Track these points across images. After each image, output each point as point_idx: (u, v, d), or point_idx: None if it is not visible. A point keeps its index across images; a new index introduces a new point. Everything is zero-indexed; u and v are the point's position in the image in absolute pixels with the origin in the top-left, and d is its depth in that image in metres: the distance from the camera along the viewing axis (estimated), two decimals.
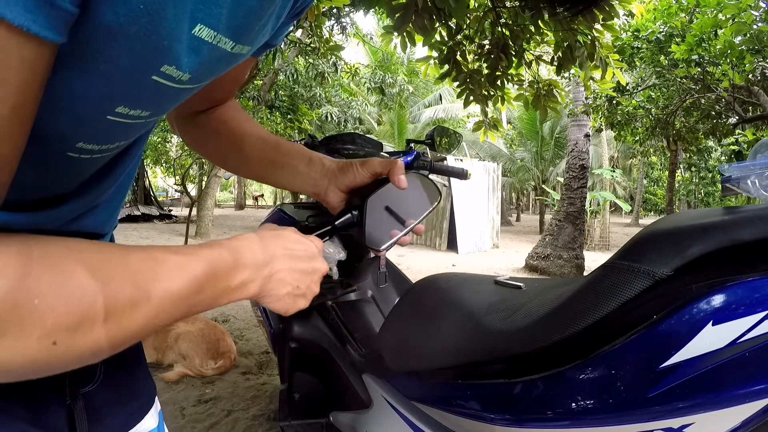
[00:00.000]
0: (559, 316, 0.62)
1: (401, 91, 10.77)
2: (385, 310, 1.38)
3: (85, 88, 0.31)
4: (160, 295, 0.34)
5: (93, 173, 0.44)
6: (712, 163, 15.72)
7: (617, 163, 22.39)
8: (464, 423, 0.75)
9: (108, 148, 0.40)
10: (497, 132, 3.72)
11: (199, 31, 0.33)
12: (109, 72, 0.31)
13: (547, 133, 17.44)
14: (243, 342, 3.11)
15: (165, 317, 0.35)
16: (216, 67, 0.39)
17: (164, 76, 0.33)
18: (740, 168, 0.69)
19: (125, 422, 0.55)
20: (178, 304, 0.35)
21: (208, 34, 0.34)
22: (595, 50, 2.67)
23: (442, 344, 0.83)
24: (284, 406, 1.31)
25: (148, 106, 0.37)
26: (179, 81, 0.35)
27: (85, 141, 0.36)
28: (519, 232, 16.59)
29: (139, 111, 0.36)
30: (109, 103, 0.34)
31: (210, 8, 0.33)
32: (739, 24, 4.39)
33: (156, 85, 0.34)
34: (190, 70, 0.35)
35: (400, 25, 2.35)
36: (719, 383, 0.50)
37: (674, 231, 0.57)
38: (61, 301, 0.28)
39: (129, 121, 0.37)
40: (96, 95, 0.32)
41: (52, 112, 0.31)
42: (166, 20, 0.30)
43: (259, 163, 0.64)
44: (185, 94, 0.40)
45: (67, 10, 0.24)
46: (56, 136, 0.34)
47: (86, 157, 0.38)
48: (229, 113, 0.65)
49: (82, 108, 0.33)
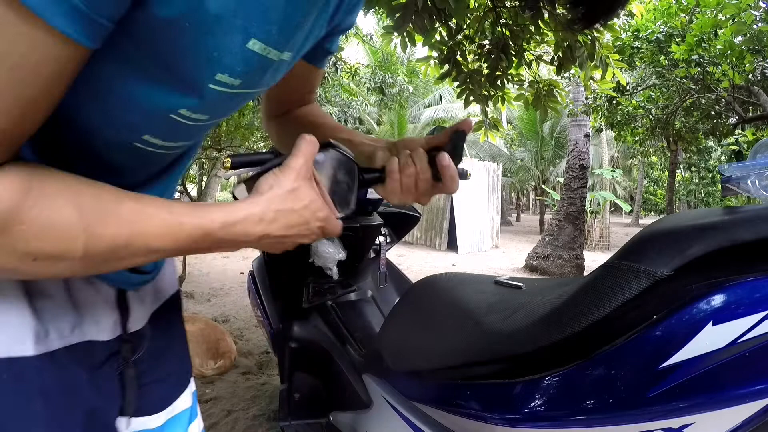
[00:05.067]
0: (559, 316, 0.62)
1: (401, 91, 10.76)
2: (385, 310, 1.38)
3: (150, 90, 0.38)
4: (140, 247, 0.38)
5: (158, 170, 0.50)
6: (712, 163, 15.71)
7: (617, 163, 22.38)
8: (464, 423, 0.75)
9: (171, 146, 0.46)
10: (497, 132, 3.72)
11: (252, 45, 0.38)
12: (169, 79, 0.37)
13: (547, 133, 17.43)
14: (243, 342, 3.11)
15: (143, 261, 0.40)
16: (264, 74, 0.44)
17: (219, 83, 0.39)
18: (740, 168, 0.69)
19: (167, 395, 0.62)
20: (153, 256, 0.40)
21: (261, 47, 0.39)
22: (595, 50, 2.67)
23: (442, 344, 0.83)
24: (284, 406, 1.31)
25: (207, 110, 0.43)
26: (232, 86, 0.40)
27: (152, 134, 0.43)
28: (519, 232, 16.59)
29: (200, 115, 0.42)
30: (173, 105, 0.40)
31: (263, 25, 0.38)
32: (739, 24, 4.39)
33: (213, 92, 0.39)
34: (241, 76, 0.40)
35: (400, 25, 2.35)
36: (719, 383, 0.50)
37: (674, 231, 0.57)
38: (44, 232, 0.33)
39: (189, 123, 0.43)
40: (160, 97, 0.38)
41: (125, 106, 0.39)
42: (213, 35, 0.35)
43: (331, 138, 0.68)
44: (239, 99, 0.44)
45: (101, 24, 0.30)
46: (127, 126, 0.41)
47: (151, 150, 0.45)
48: (308, 110, 0.72)
49: (148, 106, 0.39)
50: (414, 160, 0.56)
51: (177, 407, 0.63)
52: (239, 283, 4.99)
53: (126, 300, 0.55)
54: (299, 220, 0.47)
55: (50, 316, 0.45)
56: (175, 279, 0.69)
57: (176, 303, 0.67)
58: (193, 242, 0.41)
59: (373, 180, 0.58)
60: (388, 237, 1.50)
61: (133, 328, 0.56)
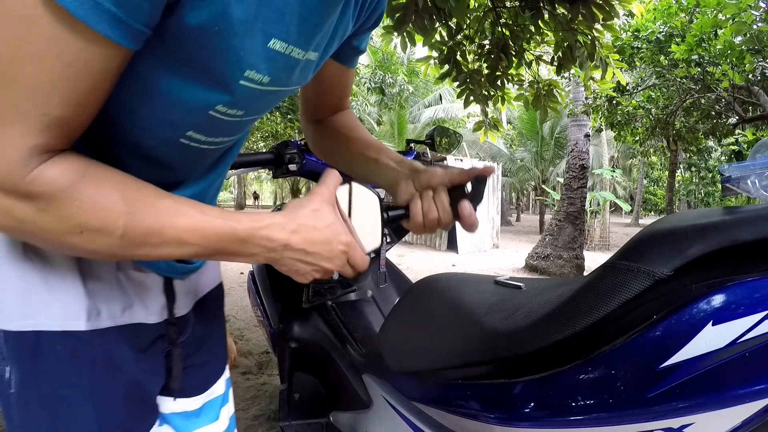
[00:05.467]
0: (559, 316, 0.62)
1: (401, 91, 10.77)
2: (385, 310, 1.38)
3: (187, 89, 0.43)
4: (172, 237, 0.42)
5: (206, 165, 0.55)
6: (712, 163, 15.71)
7: (617, 163, 22.38)
8: (464, 423, 0.75)
9: (214, 141, 0.50)
10: (497, 132, 3.72)
11: (273, 44, 0.43)
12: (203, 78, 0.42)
13: (547, 133, 17.43)
14: (243, 342, 3.11)
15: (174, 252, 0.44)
16: (291, 72, 0.48)
17: (249, 80, 0.43)
18: (740, 168, 0.69)
19: (206, 380, 0.68)
20: (184, 249, 0.44)
21: (281, 46, 0.44)
22: (595, 50, 2.67)
23: (442, 344, 0.83)
24: (284, 406, 1.31)
25: (241, 106, 0.47)
26: (261, 83, 0.44)
27: (195, 130, 0.47)
28: (519, 232, 16.60)
29: (235, 110, 0.47)
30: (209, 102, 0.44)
31: (280, 26, 0.43)
32: (739, 24, 4.39)
33: (244, 89, 0.44)
34: (268, 74, 0.44)
35: (400, 25, 2.35)
36: (719, 383, 0.50)
37: (674, 231, 0.57)
38: (92, 209, 0.39)
39: (227, 118, 0.47)
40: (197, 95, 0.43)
41: (168, 104, 0.44)
42: (238, 37, 0.40)
43: (358, 159, 0.73)
44: (271, 96, 0.49)
45: (138, 29, 0.36)
46: (171, 123, 0.46)
47: (195, 146, 0.49)
48: (342, 120, 0.76)
49: (188, 103, 0.44)
50: (436, 204, 0.62)
51: (213, 392, 0.68)
52: (239, 283, 4.99)
53: (172, 287, 0.60)
54: (321, 237, 0.50)
55: (103, 298, 0.52)
56: (219, 273, 0.74)
57: (218, 295, 0.73)
58: (219, 241, 0.45)
59: (397, 218, 0.63)
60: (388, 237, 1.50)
61: (179, 313, 0.61)
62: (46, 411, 0.49)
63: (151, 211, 0.41)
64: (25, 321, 0.48)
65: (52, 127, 0.37)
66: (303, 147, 1.22)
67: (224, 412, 0.71)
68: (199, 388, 0.66)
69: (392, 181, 0.67)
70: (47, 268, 0.49)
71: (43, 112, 0.36)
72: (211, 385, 0.68)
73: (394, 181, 0.67)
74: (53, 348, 0.49)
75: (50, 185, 0.37)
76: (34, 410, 0.50)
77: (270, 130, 9.52)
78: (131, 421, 0.55)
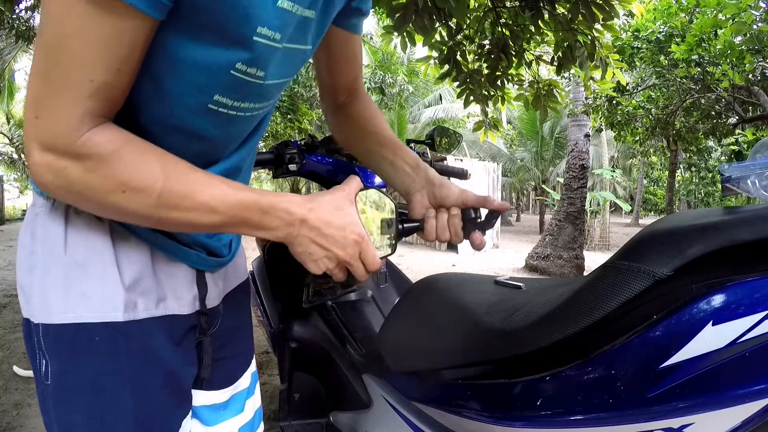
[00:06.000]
0: (559, 316, 0.62)
1: (401, 91, 10.77)
2: (385, 310, 1.38)
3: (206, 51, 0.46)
4: (202, 202, 0.47)
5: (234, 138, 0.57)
6: (712, 163, 15.71)
7: (617, 163, 22.37)
8: (464, 423, 0.75)
9: (240, 107, 0.53)
10: (497, 132, 3.72)
11: (281, 3, 0.47)
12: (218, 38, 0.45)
13: (547, 133, 17.43)
14: None
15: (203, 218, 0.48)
16: (301, 30, 0.52)
17: (262, 36, 0.47)
18: (740, 168, 0.69)
19: (234, 372, 0.70)
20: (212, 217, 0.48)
21: (289, 5, 0.48)
22: (595, 50, 2.67)
23: (442, 344, 0.83)
24: (284, 406, 1.31)
25: (260, 65, 0.49)
26: (274, 40, 0.48)
27: (221, 93, 0.50)
28: (519, 232, 16.60)
29: (255, 69, 0.49)
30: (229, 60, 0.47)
31: None
32: (739, 24, 4.39)
33: (259, 45, 0.47)
34: (279, 30, 0.48)
35: (400, 25, 2.35)
36: (719, 383, 0.50)
37: (674, 231, 0.57)
38: (135, 171, 0.44)
39: (249, 78, 0.50)
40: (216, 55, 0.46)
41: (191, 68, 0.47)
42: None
43: (374, 155, 0.76)
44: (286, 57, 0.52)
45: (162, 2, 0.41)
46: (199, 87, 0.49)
47: (224, 112, 0.52)
48: (360, 110, 0.78)
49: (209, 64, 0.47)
50: (449, 226, 0.67)
51: (240, 385, 0.71)
52: None
53: (204, 280, 0.62)
54: (337, 222, 0.53)
55: (139, 290, 0.54)
56: (246, 268, 0.77)
57: (246, 289, 0.76)
58: (244, 209, 0.48)
59: (411, 231, 0.67)
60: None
61: (210, 305, 0.63)
62: (84, 399, 0.52)
63: (185, 178, 0.47)
64: (66, 314, 0.51)
65: (98, 92, 0.42)
66: (303, 147, 1.22)
67: (249, 405, 0.73)
68: (227, 381, 0.68)
69: (407, 188, 0.72)
70: (87, 263, 0.52)
71: (90, 79, 0.41)
72: (238, 378, 0.71)
73: (408, 188, 0.71)
74: (92, 339, 0.51)
75: (99, 147, 0.43)
76: (73, 399, 0.52)
77: (270, 130, 9.52)
78: (167, 409, 0.57)
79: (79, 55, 0.41)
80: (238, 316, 0.72)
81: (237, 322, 0.71)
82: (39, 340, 0.52)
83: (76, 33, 0.40)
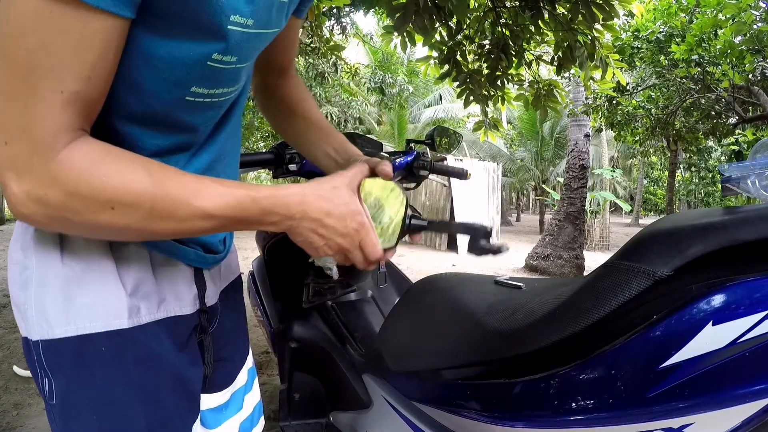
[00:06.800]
0: (559, 316, 0.62)
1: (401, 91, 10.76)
2: (385, 310, 1.38)
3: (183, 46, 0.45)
4: (198, 208, 0.45)
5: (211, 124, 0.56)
6: (712, 163, 15.69)
7: (617, 163, 22.37)
8: (464, 423, 0.75)
9: (215, 93, 0.52)
10: (497, 132, 3.72)
11: None
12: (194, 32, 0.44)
13: (547, 133, 17.42)
14: None
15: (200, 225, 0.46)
16: (270, 13, 0.51)
17: (236, 24, 0.45)
18: (740, 168, 0.69)
19: (233, 371, 0.70)
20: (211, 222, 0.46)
21: None
22: (595, 50, 2.67)
23: (442, 344, 0.83)
24: (284, 406, 1.31)
25: (234, 51, 0.48)
26: (247, 26, 0.47)
27: (197, 85, 0.49)
28: (519, 232, 16.60)
29: (229, 57, 0.48)
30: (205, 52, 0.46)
31: None
32: (739, 24, 4.39)
33: (234, 33, 0.46)
34: (251, 16, 0.46)
35: (400, 25, 2.35)
36: (719, 383, 0.50)
37: (674, 231, 0.57)
38: (121, 182, 0.41)
39: (224, 66, 0.49)
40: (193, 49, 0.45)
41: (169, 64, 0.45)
42: None
43: (301, 138, 0.77)
44: (259, 39, 0.51)
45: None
46: (176, 82, 0.47)
47: (200, 101, 0.50)
48: (290, 92, 0.78)
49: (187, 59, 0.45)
50: None
51: (238, 383, 0.71)
52: None
53: (203, 277, 0.62)
54: (336, 211, 0.52)
55: (141, 295, 0.53)
56: (238, 263, 0.77)
57: (239, 285, 0.76)
58: (242, 210, 0.47)
59: (417, 228, 0.64)
60: None
61: (209, 303, 0.63)
62: (94, 414, 0.50)
63: (176, 184, 0.44)
64: (67, 327, 0.49)
65: (71, 103, 0.39)
66: None
67: (248, 400, 0.73)
68: (227, 381, 0.69)
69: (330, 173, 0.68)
70: (87, 272, 0.50)
71: (60, 90, 0.39)
72: (236, 375, 0.71)
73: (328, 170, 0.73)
74: (98, 350, 0.49)
75: (78, 163, 0.40)
76: (82, 415, 0.50)
77: (270, 130, 9.52)
78: (177, 415, 0.56)
79: (46, 67, 0.37)
80: (233, 314, 0.72)
81: (233, 319, 0.71)
82: (39, 357, 0.49)
83: (40, 44, 0.37)
